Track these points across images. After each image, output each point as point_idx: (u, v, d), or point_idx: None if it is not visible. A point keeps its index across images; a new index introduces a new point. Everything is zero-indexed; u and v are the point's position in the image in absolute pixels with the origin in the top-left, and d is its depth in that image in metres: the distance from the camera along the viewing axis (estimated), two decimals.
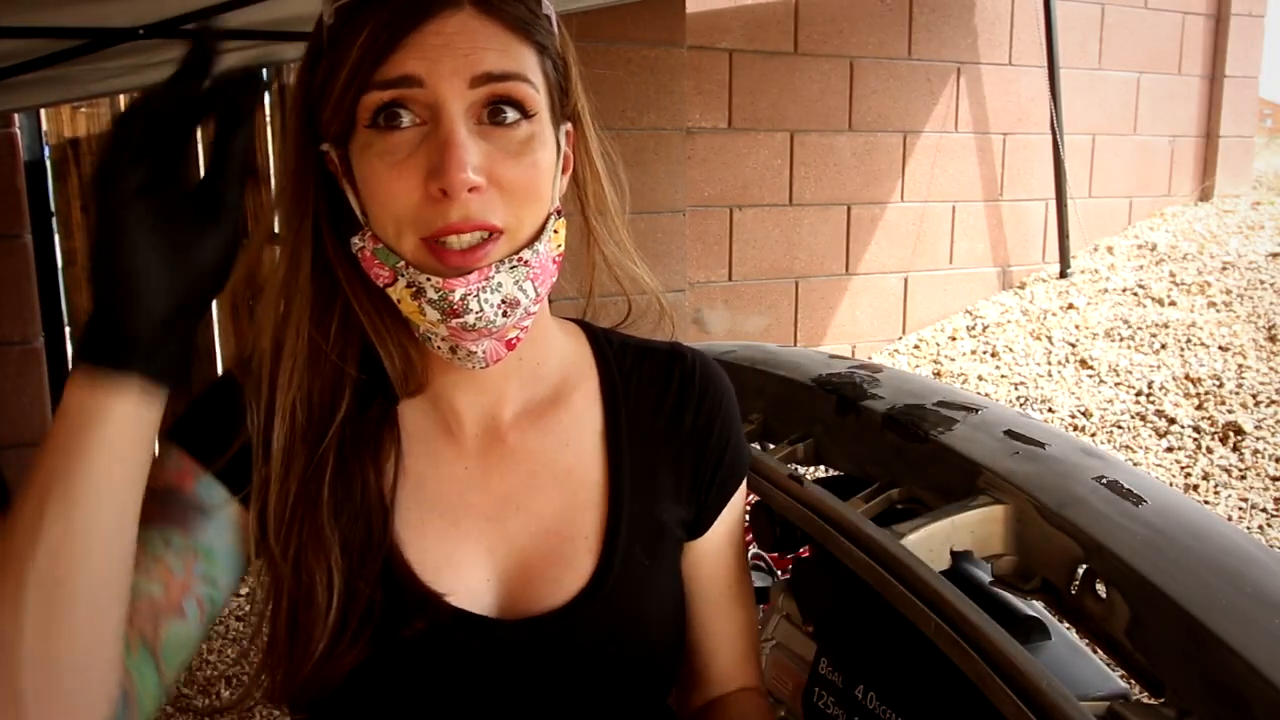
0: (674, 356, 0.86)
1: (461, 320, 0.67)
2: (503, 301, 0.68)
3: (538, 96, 0.69)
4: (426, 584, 0.73)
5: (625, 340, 0.87)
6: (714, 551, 0.87)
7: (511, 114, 0.68)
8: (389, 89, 0.66)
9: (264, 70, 0.64)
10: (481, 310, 0.67)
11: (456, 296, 0.67)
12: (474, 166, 0.65)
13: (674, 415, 0.84)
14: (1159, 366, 3.71)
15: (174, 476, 0.72)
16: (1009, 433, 1.01)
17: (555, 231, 0.72)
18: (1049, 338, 4.11)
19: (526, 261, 0.69)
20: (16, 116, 2.73)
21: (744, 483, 0.88)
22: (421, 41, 0.65)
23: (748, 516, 1.09)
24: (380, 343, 0.75)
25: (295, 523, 0.70)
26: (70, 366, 0.67)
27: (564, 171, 0.76)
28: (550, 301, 0.80)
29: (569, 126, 0.76)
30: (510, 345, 0.73)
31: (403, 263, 0.68)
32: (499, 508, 0.78)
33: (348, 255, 0.72)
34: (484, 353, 0.72)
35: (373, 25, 0.66)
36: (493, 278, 0.67)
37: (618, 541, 0.78)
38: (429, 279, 0.67)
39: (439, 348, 0.72)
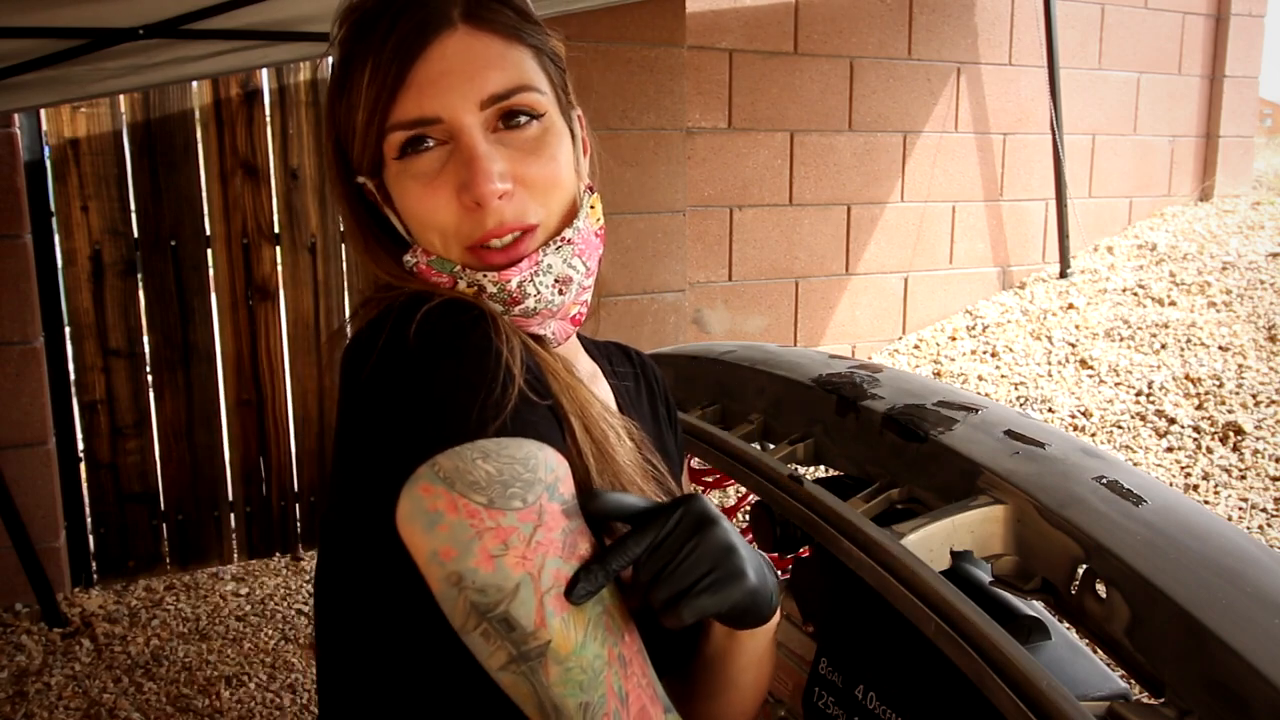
0: (624, 347, 0.98)
1: (522, 307, 0.72)
2: (556, 280, 0.73)
3: (544, 98, 0.73)
4: None
5: (589, 337, 0.95)
6: None
7: (524, 118, 0.72)
8: (409, 129, 0.70)
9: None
10: (539, 293, 0.72)
11: (513, 285, 0.71)
12: (499, 174, 0.69)
13: (648, 389, 0.96)
14: (1159, 366, 3.71)
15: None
16: (1009, 433, 1.01)
17: (592, 207, 0.77)
18: (1049, 338, 4.11)
19: (570, 240, 0.74)
20: (16, 116, 2.73)
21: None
22: (426, 72, 0.69)
23: (748, 517, 1.08)
24: None
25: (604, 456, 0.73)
26: (70, 364, 0.66)
27: (584, 153, 0.81)
28: None
29: (579, 111, 0.81)
30: (575, 321, 0.79)
31: (458, 266, 0.73)
32: None
33: (403, 270, 0.76)
34: (553, 334, 0.77)
35: (374, 62, 0.69)
36: (542, 261, 0.72)
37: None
38: (485, 274, 0.71)
39: None
